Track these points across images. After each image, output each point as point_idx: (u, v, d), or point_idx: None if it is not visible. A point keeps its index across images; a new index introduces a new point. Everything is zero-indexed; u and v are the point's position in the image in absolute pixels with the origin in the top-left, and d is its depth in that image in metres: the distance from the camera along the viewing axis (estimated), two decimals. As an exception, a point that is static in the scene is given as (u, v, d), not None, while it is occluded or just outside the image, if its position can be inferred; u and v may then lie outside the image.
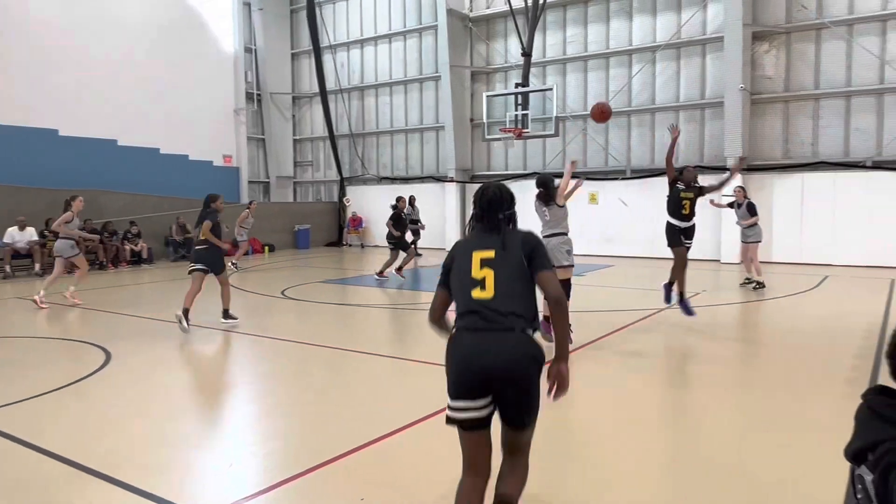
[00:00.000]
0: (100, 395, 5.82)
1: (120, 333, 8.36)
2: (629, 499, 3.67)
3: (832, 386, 5.79)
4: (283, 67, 25.66)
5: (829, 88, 15.86)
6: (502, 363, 2.66)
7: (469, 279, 2.81)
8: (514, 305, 2.74)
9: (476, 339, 2.72)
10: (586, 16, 19.14)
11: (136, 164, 19.78)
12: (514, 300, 2.75)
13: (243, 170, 24.24)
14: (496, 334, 2.70)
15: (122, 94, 19.52)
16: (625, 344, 7.50)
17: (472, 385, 2.71)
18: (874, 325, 8.30)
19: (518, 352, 2.69)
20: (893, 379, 1.57)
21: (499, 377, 2.68)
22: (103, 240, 16.75)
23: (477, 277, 2.79)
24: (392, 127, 23.53)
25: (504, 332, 2.70)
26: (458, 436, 2.86)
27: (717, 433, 4.70)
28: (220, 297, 8.89)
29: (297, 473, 3.95)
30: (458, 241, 3.06)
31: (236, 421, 5.26)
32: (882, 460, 1.47)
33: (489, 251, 2.83)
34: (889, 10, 15.02)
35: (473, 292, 2.78)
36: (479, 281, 2.78)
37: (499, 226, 2.92)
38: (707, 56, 17.43)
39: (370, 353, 7.22)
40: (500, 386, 2.70)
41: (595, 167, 19.19)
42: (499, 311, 2.71)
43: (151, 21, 20.56)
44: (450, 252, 3.01)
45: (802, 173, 16.08)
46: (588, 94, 19.27)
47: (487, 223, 2.94)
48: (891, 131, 15.25)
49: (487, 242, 2.87)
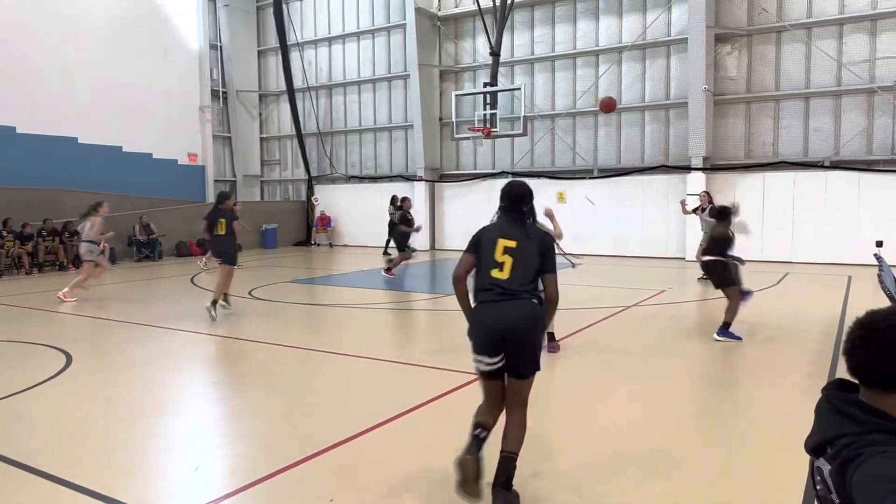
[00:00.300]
0: (60, 398, 5.68)
1: (81, 336, 8.17)
2: (601, 494, 3.71)
3: (793, 380, 5.94)
4: (250, 65, 25.33)
5: (789, 90, 16.26)
6: (513, 321, 3.41)
7: (492, 260, 3.51)
8: (523, 286, 3.48)
9: (492, 309, 3.47)
10: (553, 16, 19.29)
11: (98, 163, 19.32)
12: (523, 283, 3.48)
13: (209, 168, 23.86)
14: (508, 303, 3.44)
15: (82, 91, 19.05)
16: (593, 341, 7.58)
17: (490, 345, 3.46)
18: (833, 321, 8.54)
19: (525, 312, 3.44)
20: (851, 375, 1.61)
21: (510, 333, 3.41)
22: (63, 240, 16.35)
23: (498, 260, 3.50)
24: (361, 126, 23.42)
25: (514, 300, 3.44)
26: (480, 381, 3.68)
27: (679, 427, 4.79)
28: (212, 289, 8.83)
29: (265, 475, 3.91)
30: (486, 226, 3.71)
31: (202, 423, 5.18)
32: (840, 455, 1.51)
33: (512, 241, 3.51)
34: (846, 14, 15.45)
35: (493, 272, 3.50)
36: (499, 263, 3.50)
37: (522, 218, 3.62)
38: (672, 57, 17.72)
39: (339, 353, 7.18)
40: (511, 339, 3.42)
41: (562, 166, 19.37)
42: (510, 289, 3.45)
43: (113, 16, 20.09)
44: (479, 232, 3.68)
45: (764, 173, 16.45)
46: (556, 93, 19.44)
47: (512, 214, 3.63)
48: (847, 132, 15.70)
49: (512, 233, 3.54)
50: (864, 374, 1.57)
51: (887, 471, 1.39)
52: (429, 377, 6.27)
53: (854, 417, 1.54)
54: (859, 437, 1.50)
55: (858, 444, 1.49)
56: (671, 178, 17.48)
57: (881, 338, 1.53)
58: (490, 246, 3.54)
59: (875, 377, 1.55)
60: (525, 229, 3.56)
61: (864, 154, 15.53)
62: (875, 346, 1.54)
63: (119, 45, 20.15)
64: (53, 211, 16.69)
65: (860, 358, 1.57)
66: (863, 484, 1.41)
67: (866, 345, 1.55)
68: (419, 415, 5.04)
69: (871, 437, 1.48)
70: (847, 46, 15.57)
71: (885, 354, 1.52)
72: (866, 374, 1.57)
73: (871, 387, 1.57)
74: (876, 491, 1.35)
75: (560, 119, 19.27)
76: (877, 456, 1.43)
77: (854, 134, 15.59)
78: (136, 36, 20.69)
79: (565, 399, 5.52)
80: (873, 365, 1.55)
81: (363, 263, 17.31)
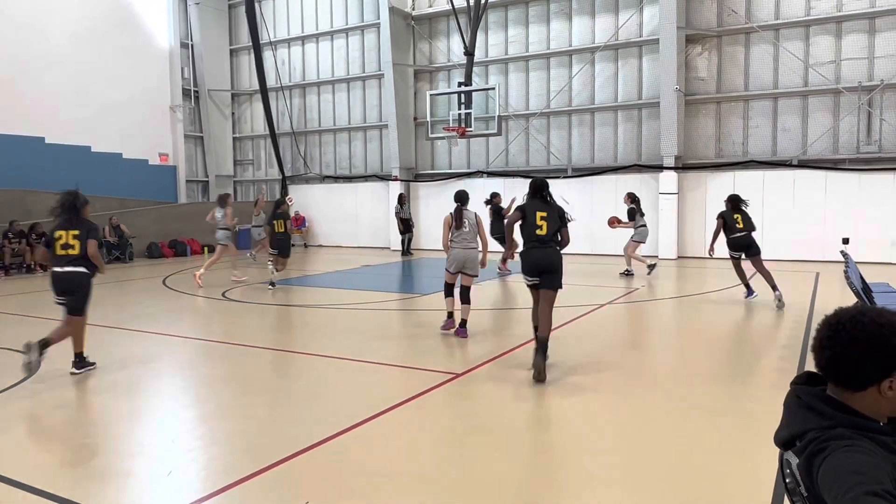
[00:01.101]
0: (29, 404, 5.56)
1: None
2: (575, 491, 3.73)
3: (763, 374, 6.05)
4: (222, 64, 25.02)
5: (758, 90, 16.54)
6: (548, 260, 6.10)
7: (535, 224, 6.12)
8: (553, 238, 6.17)
9: (537, 252, 6.11)
10: (527, 16, 19.38)
11: (66, 163, 18.91)
12: (553, 236, 6.17)
13: (180, 168, 23.52)
14: (545, 249, 6.11)
15: (49, 90, 18.66)
16: (567, 339, 7.63)
17: (534, 271, 6.15)
18: (801, 316, 8.71)
19: (555, 256, 6.15)
20: (819, 372, 1.65)
21: (546, 266, 6.09)
22: (31, 242, 15.99)
23: (538, 224, 6.11)
24: (335, 125, 23.29)
25: (547, 247, 6.13)
26: (530, 291, 6.31)
27: (649, 422, 4.84)
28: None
29: (239, 479, 3.87)
30: (524, 203, 6.29)
31: (175, 426, 5.10)
32: (807, 448, 1.54)
33: (544, 212, 6.16)
34: (812, 16, 15.77)
35: (536, 231, 6.12)
36: (539, 226, 6.11)
37: (546, 199, 6.30)
38: (643, 58, 17.91)
39: (313, 354, 7.14)
40: (546, 269, 6.09)
41: (537, 166, 19.47)
42: (546, 240, 6.12)
43: (81, 13, 19.71)
44: (522, 205, 6.29)
45: (734, 171, 16.72)
46: (530, 93, 19.53)
47: (539, 197, 6.30)
48: (815, 132, 16.02)
49: (543, 208, 6.20)
50: (832, 371, 1.60)
51: (851, 464, 1.42)
52: (405, 377, 6.26)
53: (821, 412, 1.57)
54: (825, 431, 1.53)
55: (824, 437, 1.52)
56: (644, 177, 17.68)
57: (848, 337, 1.57)
58: (532, 216, 6.15)
59: (842, 375, 1.58)
60: (549, 205, 6.23)
61: (831, 153, 15.87)
62: (842, 345, 1.57)
63: (88, 44, 19.77)
64: (20, 212, 16.32)
65: (828, 356, 1.60)
66: (828, 477, 1.44)
67: (834, 344, 1.59)
68: (396, 415, 5.03)
69: (837, 431, 1.52)
70: (813, 48, 15.89)
71: (853, 353, 1.55)
72: (833, 371, 1.60)
73: (838, 384, 1.60)
74: (841, 484, 1.38)
75: (534, 119, 19.37)
76: (841, 449, 1.46)
77: (821, 133, 15.92)
78: (105, 34, 20.33)
79: (540, 398, 5.55)
80: (840, 363, 1.58)
81: (338, 264, 17.22)
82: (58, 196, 6.63)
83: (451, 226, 7.72)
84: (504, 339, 7.98)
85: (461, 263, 7.70)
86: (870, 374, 1.54)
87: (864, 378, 1.55)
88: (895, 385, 1.54)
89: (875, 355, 1.53)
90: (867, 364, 1.54)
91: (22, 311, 10.23)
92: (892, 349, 1.53)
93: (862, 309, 1.63)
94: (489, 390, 5.80)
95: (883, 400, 1.55)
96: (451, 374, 6.12)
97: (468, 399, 5.58)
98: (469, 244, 7.74)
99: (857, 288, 6.48)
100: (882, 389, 1.55)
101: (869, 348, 1.54)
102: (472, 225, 7.74)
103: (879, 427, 1.55)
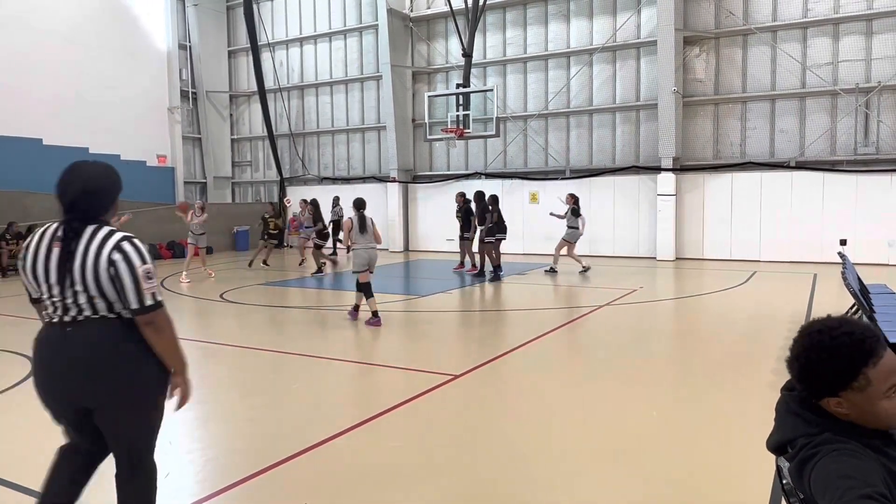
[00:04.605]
0: (23, 407, 5.54)
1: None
2: (573, 493, 3.73)
3: (760, 376, 6.05)
4: (220, 65, 25.02)
5: (756, 92, 16.57)
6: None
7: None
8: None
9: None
10: (525, 18, 19.40)
11: (64, 165, 18.15)
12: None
13: (179, 170, 23.50)
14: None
15: (47, 91, 18.63)
16: (565, 340, 7.63)
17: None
18: (799, 318, 8.72)
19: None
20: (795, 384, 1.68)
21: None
22: (28, 243, 15.96)
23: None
24: (333, 127, 23.28)
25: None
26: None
27: (648, 424, 4.84)
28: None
29: (236, 481, 3.87)
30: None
31: (172, 428, 5.09)
32: (798, 454, 1.55)
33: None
34: (809, 17, 15.80)
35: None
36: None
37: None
38: (641, 59, 17.93)
39: (311, 356, 7.13)
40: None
41: (535, 167, 19.49)
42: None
43: (80, 16, 19.69)
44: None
45: (732, 173, 16.74)
46: (528, 95, 19.54)
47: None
48: (812, 133, 16.05)
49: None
50: (807, 382, 1.63)
51: (842, 468, 1.43)
52: (403, 378, 6.26)
53: (807, 419, 1.60)
54: (813, 437, 1.55)
55: (814, 443, 1.54)
56: (642, 179, 17.70)
57: (820, 348, 1.59)
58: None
59: (817, 385, 1.61)
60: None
61: (828, 154, 15.90)
62: (815, 356, 1.60)
63: (86, 45, 19.75)
64: (18, 214, 16.30)
65: (800, 368, 1.63)
66: (820, 483, 1.45)
67: (806, 355, 1.62)
68: (394, 416, 5.03)
69: (825, 436, 1.54)
70: (811, 50, 15.92)
71: (824, 364, 1.58)
72: (808, 382, 1.63)
73: (813, 394, 1.63)
74: (833, 489, 1.40)
75: (532, 120, 19.38)
76: (831, 454, 1.48)
77: (818, 135, 15.95)
78: (103, 36, 20.31)
79: (536, 399, 5.55)
80: (813, 374, 1.61)
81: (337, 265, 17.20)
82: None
83: (352, 230, 8.69)
84: (502, 340, 7.98)
85: (367, 262, 8.68)
86: (839, 379, 1.56)
87: (834, 384, 1.57)
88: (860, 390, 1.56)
89: (839, 361, 1.56)
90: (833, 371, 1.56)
91: (19, 313, 10.21)
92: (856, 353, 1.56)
93: (825, 320, 1.66)
94: (488, 392, 5.80)
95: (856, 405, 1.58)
96: (449, 376, 6.11)
97: (467, 400, 5.57)
98: (371, 244, 8.72)
99: (854, 289, 6.49)
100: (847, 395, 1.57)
101: (833, 355, 1.56)
102: (370, 228, 8.74)
103: (865, 430, 1.56)
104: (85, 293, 2.61)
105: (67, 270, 2.60)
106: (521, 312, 9.80)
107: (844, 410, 1.56)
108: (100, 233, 2.65)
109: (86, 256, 2.60)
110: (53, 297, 2.65)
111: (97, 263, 2.59)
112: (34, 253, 2.70)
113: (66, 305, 2.63)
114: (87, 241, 2.63)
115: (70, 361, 2.63)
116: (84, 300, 2.62)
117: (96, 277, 2.60)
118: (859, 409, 1.54)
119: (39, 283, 2.68)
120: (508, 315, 9.77)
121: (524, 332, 8.11)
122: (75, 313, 2.63)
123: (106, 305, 2.64)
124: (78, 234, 2.63)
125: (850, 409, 1.55)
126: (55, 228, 2.71)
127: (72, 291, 2.61)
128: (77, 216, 2.68)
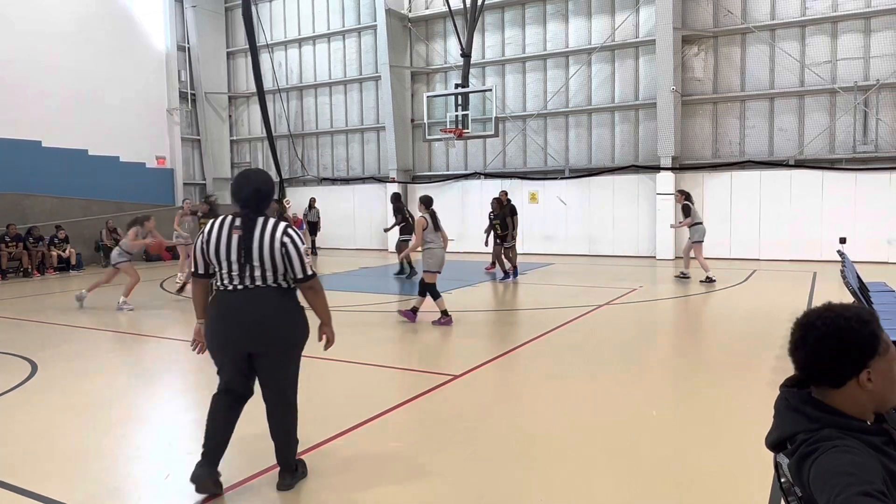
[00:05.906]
0: (25, 408, 5.55)
1: (47, 343, 7.99)
2: (572, 492, 3.74)
3: (760, 374, 6.05)
4: (219, 66, 25.01)
5: (754, 91, 16.58)
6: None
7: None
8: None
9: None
10: (524, 18, 19.40)
11: (63, 166, 18.91)
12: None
13: (178, 171, 23.48)
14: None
15: (46, 93, 18.61)
16: (566, 339, 7.64)
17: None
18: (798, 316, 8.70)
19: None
20: (798, 374, 1.66)
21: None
22: (28, 246, 15.98)
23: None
24: (332, 127, 23.29)
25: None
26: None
27: (648, 422, 4.85)
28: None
29: (237, 482, 3.87)
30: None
31: (173, 430, 5.10)
32: (797, 450, 1.55)
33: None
34: (808, 16, 15.81)
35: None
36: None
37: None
38: (640, 58, 17.94)
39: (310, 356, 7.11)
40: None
41: (534, 167, 19.49)
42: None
43: (78, 17, 19.68)
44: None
45: (731, 171, 16.75)
46: (527, 94, 19.55)
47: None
48: (811, 131, 16.06)
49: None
50: (810, 372, 1.62)
51: (841, 464, 1.43)
52: (404, 379, 6.26)
53: (807, 415, 1.59)
54: (813, 433, 1.55)
55: (814, 439, 1.53)
56: (641, 178, 17.70)
57: (819, 335, 1.58)
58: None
59: (820, 375, 1.60)
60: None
61: (827, 153, 15.91)
62: (814, 344, 1.59)
63: (84, 47, 19.74)
64: (17, 216, 16.31)
65: (802, 357, 1.62)
66: (819, 480, 1.45)
67: (805, 343, 1.61)
68: (395, 416, 5.03)
69: (825, 433, 1.53)
70: (809, 48, 15.93)
71: (825, 350, 1.57)
72: (811, 372, 1.62)
73: (818, 384, 1.62)
74: (832, 486, 1.40)
75: (531, 120, 19.39)
76: (830, 451, 1.48)
77: (817, 133, 15.96)
78: (101, 37, 20.30)
79: (536, 398, 5.55)
80: (816, 363, 1.59)
81: (335, 266, 17.22)
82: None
83: (426, 229, 8.67)
84: (502, 340, 7.98)
85: (441, 263, 8.68)
86: (845, 368, 1.56)
87: (841, 373, 1.57)
88: (873, 375, 1.55)
89: (847, 349, 1.55)
90: (840, 359, 1.56)
91: (18, 315, 10.21)
92: (863, 340, 1.55)
93: (828, 306, 1.65)
94: (488, 392, 5.80)
95: (864, 393, 1.57)
96: (450, 376, 6.12)
97: (467, 400, 5.57)
98: (440, 244, 8.78)
99: (853, 287, 6.49)
100: (861, 382, 1.56)
101: (840, 342, 1.55)
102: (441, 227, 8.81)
103: (866, 426, 1.56)
104: (260, 267, 3.49)
105: (247, 251, 3.45)
106: (521, 312, 9.81)
107: (871, 386, 1.55)
108: (269, 223, 3.53)
109: (262, 240, 3.48)
110: (232, 272, 3.50)
111: (272, 245, 3.48)
112: (216, 239, 3.52)
113: (243, 276, 3.49)
114: (260, 229, 3.50)
115: (247, 317, 3.50)
116: (259, 273, 3.49)
117: (272, 255, 3.48)
118: (888, 379, 1.55)
119: (220, 261, 3.51)
120: (508, 315, 9.78)
121: (524, 331, 8.12)
122: (249, 283, 3.50)
123: (273, 277, 3.53)
124: (254, 224, 3.49)
125: (876, 382, 1.54)
126: (231, 219, 3.53)
127: (249, 266, 3.48)
128: (251, 210, 3.51)
